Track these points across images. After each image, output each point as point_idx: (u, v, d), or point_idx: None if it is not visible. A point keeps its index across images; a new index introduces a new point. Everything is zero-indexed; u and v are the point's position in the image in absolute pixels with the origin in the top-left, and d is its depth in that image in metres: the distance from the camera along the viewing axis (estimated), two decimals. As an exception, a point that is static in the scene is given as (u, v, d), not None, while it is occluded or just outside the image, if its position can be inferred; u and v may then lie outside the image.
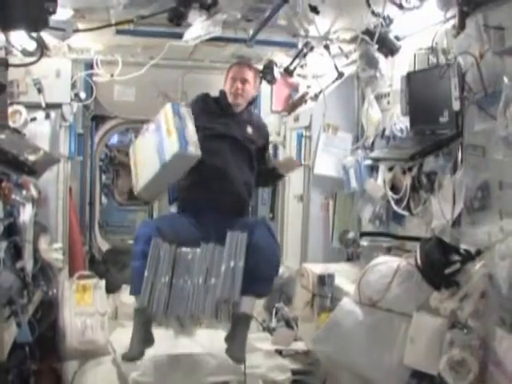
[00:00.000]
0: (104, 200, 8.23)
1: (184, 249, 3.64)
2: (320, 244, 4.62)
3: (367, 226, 4.14)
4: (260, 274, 3.56)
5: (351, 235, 4.32)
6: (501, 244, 2.61)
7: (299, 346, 4.03)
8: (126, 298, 4.06)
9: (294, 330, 4.19)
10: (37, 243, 3.30)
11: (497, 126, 2.62)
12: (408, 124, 3.46)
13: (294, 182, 4.83)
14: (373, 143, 4.03)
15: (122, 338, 3.36)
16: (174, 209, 4.39)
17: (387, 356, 3.18)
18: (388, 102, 3.95)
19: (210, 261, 3.61)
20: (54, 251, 3.54)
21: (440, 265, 2.87)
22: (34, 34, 2.94)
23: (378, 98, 4.06)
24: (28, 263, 3.02)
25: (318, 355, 3.74)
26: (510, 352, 2.57)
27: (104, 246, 5.42)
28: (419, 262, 3.01)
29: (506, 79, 2.54)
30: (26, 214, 3.05)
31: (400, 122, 3.63)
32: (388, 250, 3.80)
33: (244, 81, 3.92)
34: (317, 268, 4.07)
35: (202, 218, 3.78)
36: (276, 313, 4.45)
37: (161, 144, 3.67)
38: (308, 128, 4.55)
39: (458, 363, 2.72)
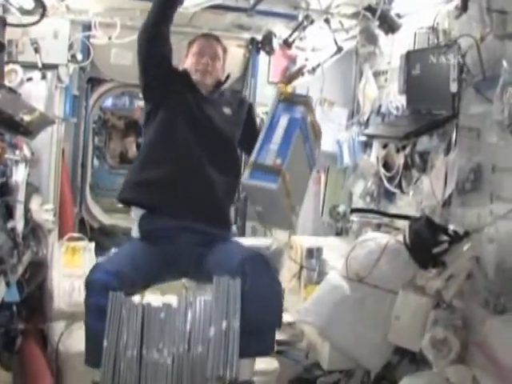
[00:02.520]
0: (96, 163, 8.21)
1: (154, 303, 2.67)
2: (310, 217, 4.64)
3: (358, 201, 4.17)
4: (259, 328, 2.69)
5: (341, 210, 4.35)
6: (489, 227, 2.64)
7: (285, 317, 4.05)
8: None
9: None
10: (28, 204, 3.30)
11: (493, 109, 2.63)
12: (404, 102, 3.46)
13: (286, 154, 4.80)
14: (368, 120, 4.04)
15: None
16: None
17: (371, 332, 3.23)
18: (385, 80, 3.94)
19: (192, 319, 2.64)
20: (45, 212, 3.53)
21: (428, 244, 2.91)
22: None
23: (376, 74, 4.06)
24: (19, 223, 3.01)
25: (303, 327, 3.79)
26: (491, 333, 2.62)
27: (94, 208, 5.42)
28: (408, 240, 3.05)
29: (505, 63, 2.54)
30: (19, 174, 3.03)
31: (396, 100, 3.63)
32: (378, 227, 3.83)
33: (214, 57, 3.19)
34: (306, 241, 4.10)
35: (171, 244, 2.91)
36: (263, 283, 4.47)
37: (310, 150, 2.87)
38: (304, 101, 4.54)
39: (440, 342, 2.78)
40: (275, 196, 2.53)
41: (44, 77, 3.85)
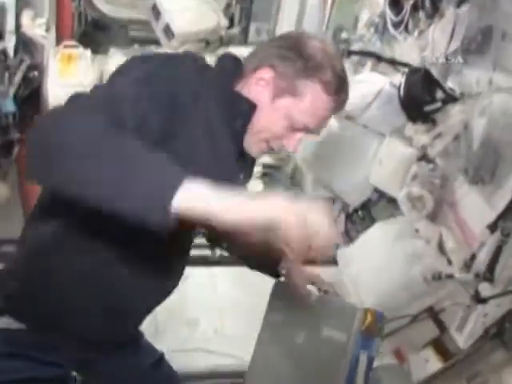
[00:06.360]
0: None
1: None
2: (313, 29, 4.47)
3: (362, 29, 3.98)
4: None
5: (344, 36, 4.17)
6: (484, 98, 2.62)
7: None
8: (114, 62, 3.75)
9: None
10: (20, 19, 3.16)
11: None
12: None
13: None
14: None
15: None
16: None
17: (354, 170, 3.36)
18: None
19: None
20: (37, 27, 3.38)
21: (422, 101, 2.89)
22: None
23: None
24: (10, 42, 2.93)
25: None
26: (465, 198, 2.74)
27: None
28: (402, 92, 3.01)
29: None
30: (7, -10, 2.87)
31: None
32: (378, 60, 3.71)
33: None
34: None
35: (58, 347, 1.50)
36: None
37: None
38: None
39: (416, 198, 2.91)
40: None
41: None
